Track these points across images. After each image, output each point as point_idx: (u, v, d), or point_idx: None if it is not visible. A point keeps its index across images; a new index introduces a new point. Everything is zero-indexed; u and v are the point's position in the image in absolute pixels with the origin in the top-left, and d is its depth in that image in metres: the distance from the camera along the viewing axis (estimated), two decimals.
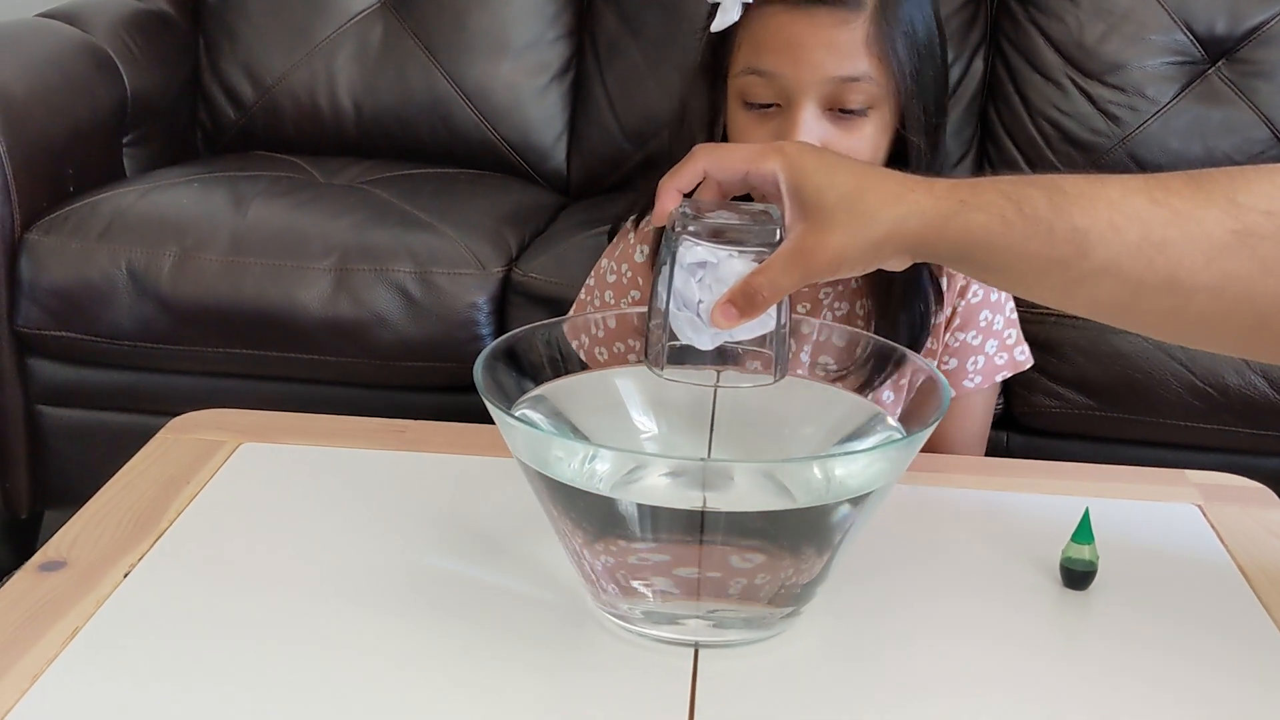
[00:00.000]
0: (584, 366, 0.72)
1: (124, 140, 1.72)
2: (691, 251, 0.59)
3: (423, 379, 1.45)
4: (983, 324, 0.89)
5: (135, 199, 1.53)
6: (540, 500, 0.63)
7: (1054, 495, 0.80)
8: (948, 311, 0.88)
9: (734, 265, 0.58)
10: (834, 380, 0.69)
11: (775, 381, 0.61)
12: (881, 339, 0.68)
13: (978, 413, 0.91)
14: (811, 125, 0.81)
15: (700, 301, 0.59)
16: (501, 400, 0.64)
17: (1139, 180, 0.56)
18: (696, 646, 0.63)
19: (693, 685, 0.60)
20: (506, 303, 1.46)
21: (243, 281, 1.43)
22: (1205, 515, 0.78)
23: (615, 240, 0.96)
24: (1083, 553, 0.69)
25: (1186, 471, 0.84)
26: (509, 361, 0.68)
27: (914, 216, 0.56)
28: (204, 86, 1.85)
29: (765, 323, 0.60)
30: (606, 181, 1.80)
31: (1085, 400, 1.36)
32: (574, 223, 1.61)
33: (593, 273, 0.98)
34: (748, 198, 0.64)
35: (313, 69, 1.81)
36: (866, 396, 0.67)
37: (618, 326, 0.75)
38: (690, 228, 0.59)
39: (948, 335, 0.89)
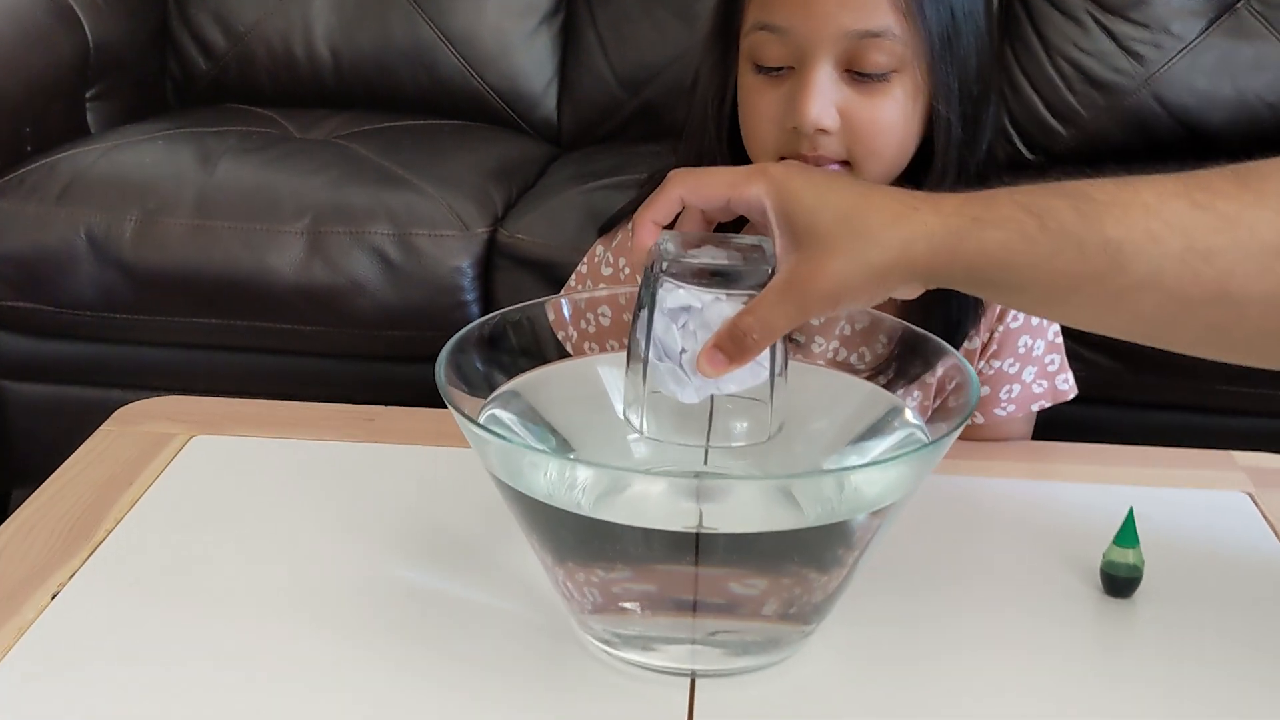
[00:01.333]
0: (564, 355, 0.64)
1: (87, 95, 1.65)
2: (673, 295, 0.53)
3: (403, 349, 1.39)
4: (1021, 350, 0.81)
5: (95, 158, 1.47)
6: (514, 515, 0.56)
7: (1089, 484, 0.73)
8: (984, 337, 0.80)
9: (721, 309, 0.52)
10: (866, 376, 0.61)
11: (770, 439, 0.55)
12: (910, 326, 0.60)
13: (1016, 428, 0.84)
14: (826, 87, 0.72)
15: (683, 350, 0.53)
16: (468, 401, 0.56)
17: (1178, 181, 0.50)
18: (693, 676, 0.56)
19: None
20: (492, 266, 1.40)
21: (210, 246, 1.37)
22: (1256, 503, 0.72)
23: (614, 229, 0.88)
24: (1126, 556, 0.62)
25: (1234, 454, 0.77)
26: (480, 351, 0.60)
27: (921, 238, 0.50)
28: (173, 35, 1.78)
29: (757, 372, 0.53)
30: (600, 131, 1.73)
31: (1114, 364, 1.29)
32: (566, 176, 1.55)
33: (585, 260, 0.90)
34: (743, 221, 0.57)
35: (288, 15, 1.73)
36: (897, 394, 0.60)
37: (612, 324, 0.67)
38: (671, 268, 0.53)
39: (982, 363, 0.81)
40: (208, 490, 0.71)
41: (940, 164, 0.75)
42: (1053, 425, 0.85)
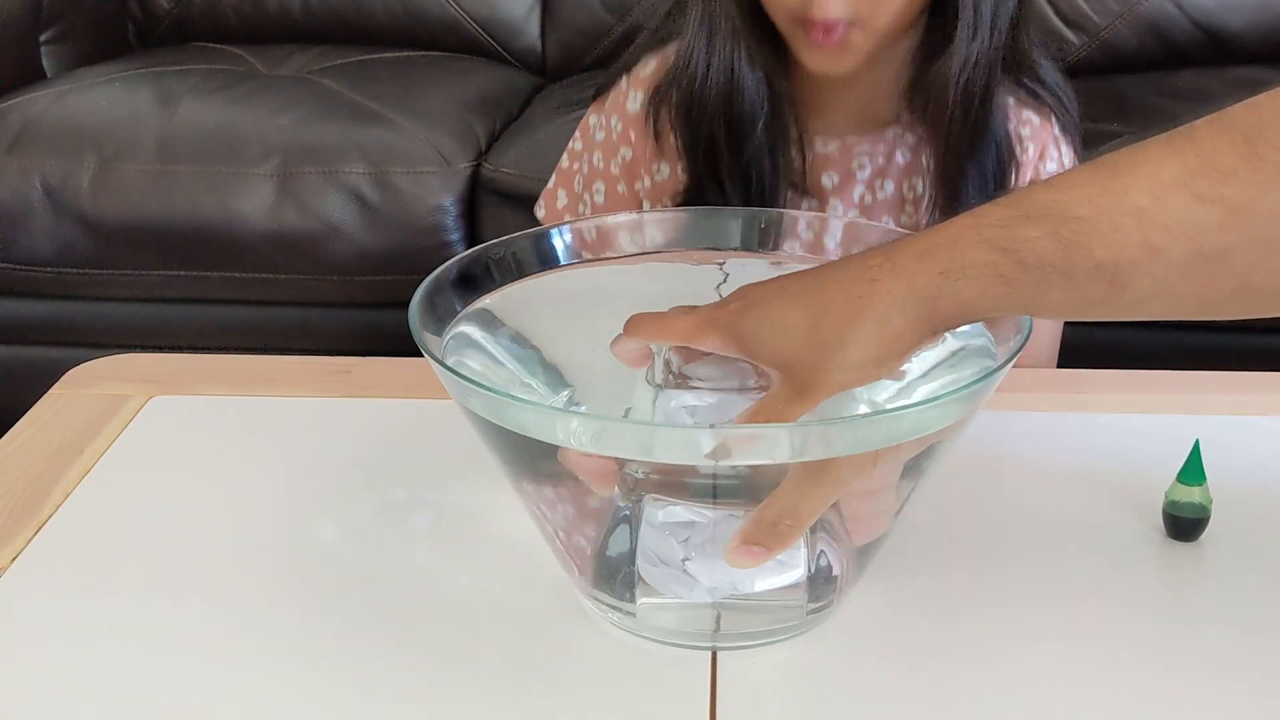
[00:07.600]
0: None
1: (41, 38, 1.58)
2: (667, 510, 0.48)
3: (384, 294, 1.34)
4: None
5: (49, 104, 1.41)
6: (499, 464, 0.50)
7: (1141, 414, 0.67)
8: None
9: (732, 525, 0.47)
10: None
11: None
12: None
13: (1043, 339, 0.79)
14: None
15: (686, 559, 0.48)
16: (437, 335, 0.50)
17: (1175, 164, 0.43)
18: (714, 649, 0.50)
19: (712, 699, 0.47)
20: (476, 203, 1.34)
21: (173, 193, 1.32)
22: None
23: (603, 95, 0.85)
24: (1192, 495, 0.56)
25: None
26: (459, 292, 0.54)
27: (894, 312, 0.45)
28: None
29: (791, 563, 0.48)
30: (586, 58, 1.67)
31: None
32: (551, 106, 1.49)
33: (577, 132, 0.86)
34: None
35: None
36: None
37: (606, 201, 0.61)
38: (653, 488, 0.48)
39: None
40: (168, 456, 0.65)
41: (972, 15, 0.71)
42: (1097, 356, 0.79)
